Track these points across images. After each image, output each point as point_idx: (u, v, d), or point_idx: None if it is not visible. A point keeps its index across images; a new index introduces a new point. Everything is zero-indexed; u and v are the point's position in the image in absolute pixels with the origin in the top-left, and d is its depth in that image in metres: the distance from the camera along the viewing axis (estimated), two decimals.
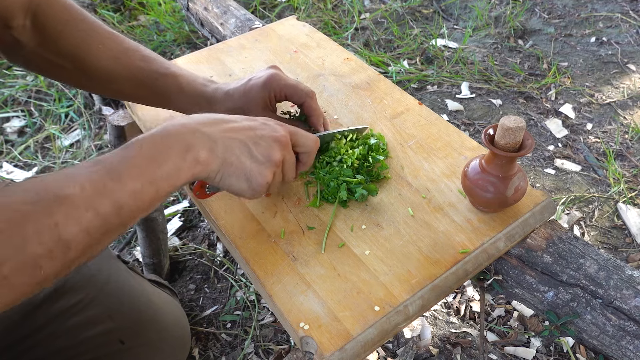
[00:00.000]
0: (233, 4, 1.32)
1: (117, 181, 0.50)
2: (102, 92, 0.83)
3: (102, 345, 0.80)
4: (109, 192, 0.50)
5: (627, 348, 0.62)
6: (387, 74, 1.94)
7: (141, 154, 0.54)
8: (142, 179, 0.52)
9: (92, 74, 0.75)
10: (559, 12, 2.29)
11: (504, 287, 0.73)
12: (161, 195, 0.55)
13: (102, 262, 0.86)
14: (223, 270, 1.38)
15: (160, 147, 0.55)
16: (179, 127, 0.58)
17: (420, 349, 1.16)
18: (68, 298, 0.79)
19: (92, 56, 0.74)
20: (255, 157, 0.61)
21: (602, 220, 1.45)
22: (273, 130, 0.63)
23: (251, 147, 0.61)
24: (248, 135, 0.62)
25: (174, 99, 0.78)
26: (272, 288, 0.65)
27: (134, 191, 0.51)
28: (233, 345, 1.22)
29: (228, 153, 0.60)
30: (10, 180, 1.68)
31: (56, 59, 0.74)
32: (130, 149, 0.54)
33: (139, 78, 0.76)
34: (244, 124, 0.63)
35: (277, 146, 0.63)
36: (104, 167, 0.51)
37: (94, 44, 0.73)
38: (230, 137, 0.60)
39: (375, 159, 0.78)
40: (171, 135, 0.57)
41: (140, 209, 0.53)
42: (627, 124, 1.73)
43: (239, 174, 0.61)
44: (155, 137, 0.56)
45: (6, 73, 2.09)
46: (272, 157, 0.62)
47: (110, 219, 0.50)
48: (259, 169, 0.61)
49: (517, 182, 0.67)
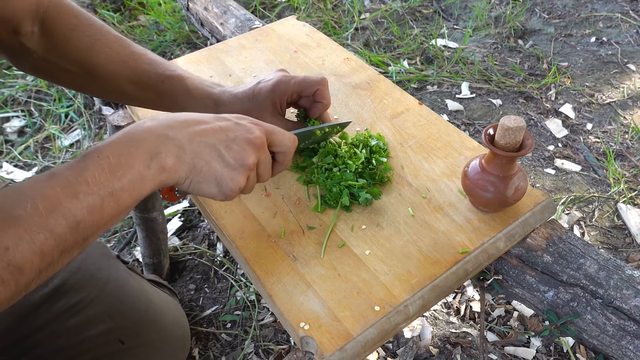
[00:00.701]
0: (233, 4, 1.32)
1: (73, 197, 0.47)
2: (110, 97, 0.83)
3: (102, 345, 0.80)
4: (64, 209, 0.46)
5: (627, 348, 0.62)
6: (387, 74, 1.94)
7: (99, 165, 0.50)
8: (101, 192, 0.49)
9: (100, 78, 0.75)
10: (559, 12, 2.29)
11: (504, 287, 0.73)
12: (123, 207, 0.51)
13: (102, 262, 0.86)
14: (223, 270, 1.38)
15: (121, 155, 0.52)
16: (144, 132, 0.55)
17: (420, 349, 1.16)
18: (68, 298, 0.79)
19: (99, 60, 0.73)
20: (226, 162, 0.58)
21: (602, 220, 1.45)
22: (247, 132, 0.60)
23: (222, 151, 0.58)
24: (219, 138, 0.58)
25: (180, 101, 0.77)
26: (272, 288, 0.65)
27: (92, 206, 0.48)
28: (233, 345, 1.22)
29: (197, 159, 0.57)
30: (11, 180, 1.68)
31: (64, 64, 0.74)
32: (87, 160, 0.50)
33: (145, 81, 0.76)
34: (216, 125, 0.60)
35: (251, 149, 0.60)
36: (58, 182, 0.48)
37: (101, 48, 0.73)
38: (200, 142, 0.57)
39: (378, 161, 0.78)
40: (134, 141, 0.53)
41: (100, 223, 0.50)
42: (627, 124, 1.74)
43: (209, 180, 0.58)
44: (116, 144, 0.53)
45: (6, 73, 2.09)
46: (245, 161, 0.59)
47: (66, 238, 0.47)
48: (230, 174, 0.59)
49: (517, 182, 0.67)
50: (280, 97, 0.75)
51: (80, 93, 1.93)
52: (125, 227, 1.53)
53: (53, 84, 1.99)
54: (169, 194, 0.65)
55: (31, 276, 0.45)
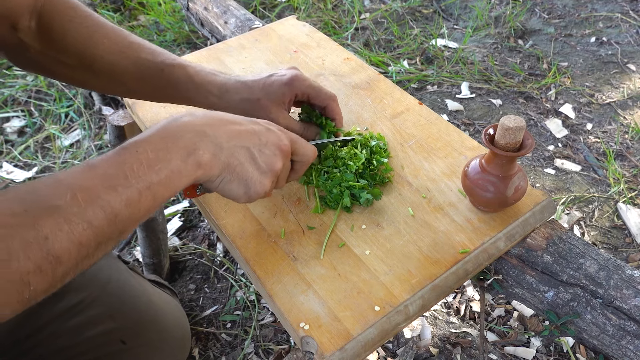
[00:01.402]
0: (233, 4, 1.32)
1: (112, 189, 0.48)
2: (109, 90, 0.82)
3: (104, 345, 0.80)
4: (103, 201, 0.47)
5: (627, 348, 0.62)
6: (387, 74, 1.94)
7: (138, 159, 0.50)
8: (139, 185, 0.49)
9: (99, 70, 0.74)
10: (559, 12, 2.29)
11: (504, 286, 0.73)
12: (159, 200, 0.52)
13: (103, 262, 0.86)
14: (223, 270, 1.38)
15: (159, 149, 0.52)
16: (181, 127, 0.55)
17: (420, 349, 1.16)
18: (70, 298, 0.79)
19: (98, 51, 0.73)
20: (258, 165, 0.59)
21: (602, 220, 1.45)
22: (277, 138, 0.62)
23: (255, 153, 0.59)
24: (253, 141, 0.60)
25: (182, 89, 0.76)
26: (272, 288, 0.65)
27: (129, 199, 0.49)
28: (233, 345, 1.22)
29: (232, 158, 0.57)
30: (11, 180, 1.68)
31: (63, 58, 0.73)
32: (127, 152, 0.51)
33: (144, 71, 0.75)
34: (250, 127, 0.60)
35: (280, 155, 0.61)
36: (97, 174, 0.48)
37: (99, 39, 0.73)
38: (236, 142, 0.58)
39: (379, 161, 0.78)
40: (171, 136, 0.54)
41: (137, 217, 0.50)
42: (627, 124, 1.74)
43: (240, 180, 0.59)
44: (153, 138, 0.53)
45: (6, 73, 2.09)
46: (274, 166, 0.61)
47: (104, 230, 0.47)
48: (260, 177, 0.60)
49: (517, 181, 0.67)
50: (292, 94, 0.75)
51: (80, 89, 1.93)
52: None
53: (53, 80, 2.00)
54: (190, 191, 0.66)
55: (68, 267, 0.45)
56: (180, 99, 0.79)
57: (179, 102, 0.79)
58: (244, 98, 0.75)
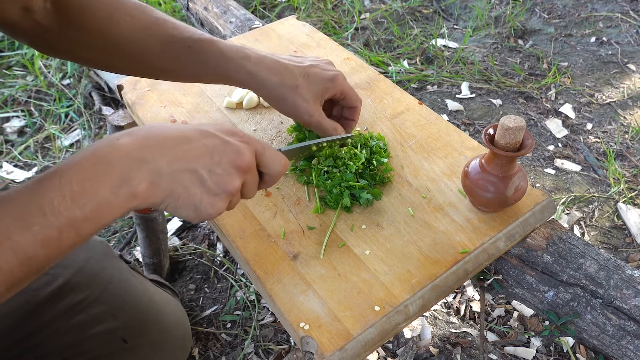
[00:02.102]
0: (233, 4, 1.32)
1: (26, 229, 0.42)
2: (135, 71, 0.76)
3: (106, 344, 0.80)
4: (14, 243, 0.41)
5: (627, 348, 0.62)
6: (387, 73, 1.94)
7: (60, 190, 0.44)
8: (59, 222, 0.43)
9: (124, 50, 0.70)
10: (559, 12, 2.29)
11: (504, 286, 0.73)
12: (84, 236, 0.46)
13: (105, 262, 0.86)
14: (223, 270, 1.38)
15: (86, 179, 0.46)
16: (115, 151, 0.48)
17: (420, 349, 1.16)
18: (72, 296, 0.79)
19: (119, 29, 0.69)
20: (207, 187, 0.53)
21: (602, 220, 1.45)
22: (235, 153, 0.55)
23: (205, 176, 0.53)
24: (203, 162, 0.53)
25: (212, 65, 0.72)
26: (272, 288, 0.65)
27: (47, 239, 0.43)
28: (233, 345, 1.22)
29: (175, 184, 0.51)
30: (11, 180, 1.68)
31: (83, 38, 0.70)
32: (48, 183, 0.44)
33: (172, 47, 0.71)
34: (200, 144, 0.54)
35: (236, 173, 0.55)
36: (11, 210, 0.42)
37: (121, 16, 0.69)
38: (180, 166, 0.52)
39: (379, 161, 0.78)
40: (103, 164, 0.47)
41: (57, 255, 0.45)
42: (627, 124, 1.74)
43: (187, 205, 0.53)
44: (81, 166, 0.46)
45: (6, 73, 2.09)
46: (228, 186, 0.54)
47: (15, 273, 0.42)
48: (211, 200, 0.54)
49: (517, 181, 0.67)
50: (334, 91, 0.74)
51: (80, 89, 1.93)
52: (125, 227, 1.53)
53: (53, 80, 1.99)
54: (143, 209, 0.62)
55: None
56: (210, 76, 0.74)
57: (209, 80, 0.75)
58: (283, 82, 0.71)
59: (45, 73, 2.06)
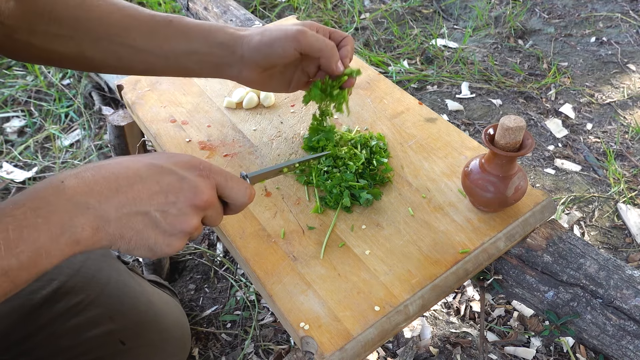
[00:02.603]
0: (233, 4, 1.32)
1: None
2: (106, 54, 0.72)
3: (103, 346, 0.80)
4: None
5: (627, 348, 0.62)
6: (387, 73, 1.94)
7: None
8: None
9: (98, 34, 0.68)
10: (559, 12, 2.29)
11: (504, 286, 0.73)
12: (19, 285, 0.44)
13: (103, 263, 0.86)
14: (223, 270, 1.38)
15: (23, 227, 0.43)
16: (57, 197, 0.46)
17: (420, 349, 1.16)
18: (69, 299, 0.78)
19: (92, 14, 0.68)
20: (162, 228, 0.51)
21: (602, 220, 1.45)
22: (191, 190, 0.52)
23: (158, 217, 0.51)
24: (157, 203, 0.51)
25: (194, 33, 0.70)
26: (272, 288, 0.65)
27: None
28: (233, 345, 1.22)
29: (124, 229, 0.49)
30: (11, 180, 1.68)
31: (54, 29, 0.67)
32: None
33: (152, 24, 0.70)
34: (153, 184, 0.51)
35: (193, 212, 0.53)
36: None
37: (93, 2, 0.68)
38: (130, 212, 0.49)
39: (379, 161, 0.78)
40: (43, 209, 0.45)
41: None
42: (627, 124, 1.74)
43: (140, 247, 0.51)
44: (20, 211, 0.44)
45: (6, 73, 2.09)
46: (184, 226, 0.52)
47: None
48: (166, 240, 0.52)
49: (517, 181, 0.67)
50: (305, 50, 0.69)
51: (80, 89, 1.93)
52: None
53: (53, 80, 1.99)
54: None
55: None
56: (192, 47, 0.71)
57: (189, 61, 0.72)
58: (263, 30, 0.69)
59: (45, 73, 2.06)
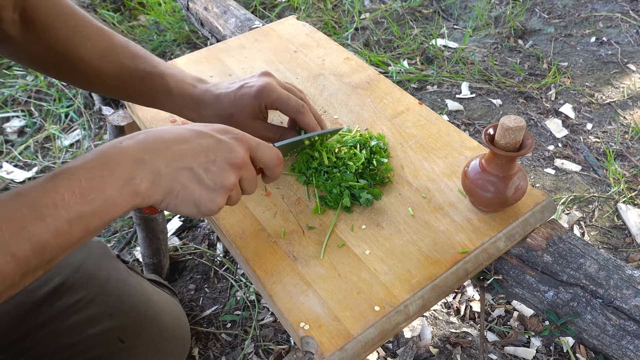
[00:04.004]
0: (233, 4, 1.32)
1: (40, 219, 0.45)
2: (91, 88, 0.81)
3: (103, 344, 0.80)
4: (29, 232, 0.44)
5: (627, 348, 0.62)
6: (387, 73, 1.94)
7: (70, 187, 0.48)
8: (69, 215, 0.47)
9: (81, 70, 0.74)
10: (559, 12, 2.29)
11: (504, 286, 0.73)
12: (92, 230, 0.50)
13: (103, 262, 0.86)
14: (223, 270, 1.38)
15: (93, 178, 0.50)
16: (119, 155, 0.53)
17: (420, 349, 1.16)
18: (69, 296, 0.79)
19: (79, 53, 0.72)
20: (205, 184, 0.57)
21: (602, 220, 1.45)
22: (228, 151, 0.58)
23: (201, 174, 0.57)
24: (199, 160, 0.57)
25: (160, 99, 0.76)
26: (272, 288, 0.65)
27: (58, 229, 0.46)
28: (233, 345, 1.22)
29: (174, 183, 0.55)
30: (11, 180, 1.68)
31: (45, 54, 0.72)
32: (58, 180, 0.48)
33: (125, 77, 0.74)
34: (196, 144, 0.58)
35: (231, 170, 0.58)
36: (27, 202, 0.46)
37: (81, 40, 0.72)
38: (177, 167, 0.56)
39: (379, 162, 0.78)
40: (108, 164, 0.52)
41: (68, 246, 0.48)
42: (627, 124, 1.74)
43: (187, 202, 0.57)
44: (89, 165, 0.51)
45: (6, 73, 2.09)
46: (224, 182, 0.58)
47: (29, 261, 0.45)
48: (209, 196, 0.57)
49: (517, 181, 0.67)
50: (263, 106, 0.74)
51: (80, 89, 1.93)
52: (125, 227, 1.53)
53: (53, 80, 1.99)
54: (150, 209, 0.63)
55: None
56: (160, 107, 0.78)
57: (159, 109, 0.79)
58: (217, 114, 0.74)
59: None
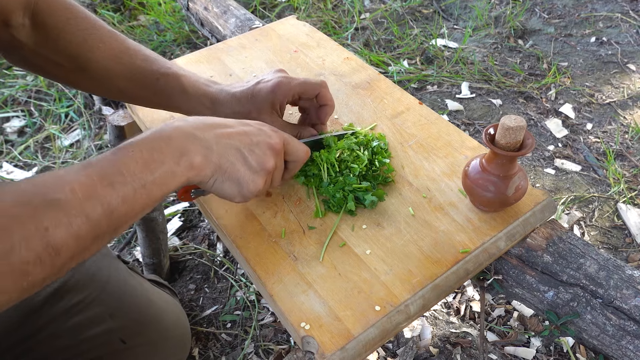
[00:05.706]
0: (233, 4, 1.32)
1: (109, 186, 0.49)
2: (103, 93, 0.83)
3: (104, 345, 0.80)
4: (100, 197, 0.48)
5: (627, 348, 0.62)
6: (387, 73, 1.94)
7: (133, 158, 0.52)
8: (134, 183, 0.51)
9: (93, 74, 0.74)
10: (559, 12, 2.29)
11: (504, 286, 0.73)
12: (153, 200, 0.54)
13: (103, 262, 0.86)
14: (223, 270, 1.38)
15: (153, 150, 0.54)
16: (174, 131, 0.57)
17: (420, 349, 1.16)
18: (69, 298, 0.79)
19: (92, 55, 0.73)
20: (249, 164, 0.61)
21: (602, 220, 1.45)
22: (268, 137, 0.63)
23: (246, 153, 0.61)
24: (243, 141, 0.61)
25: (176, 99, 0.77)
26: (273, 288, 0.65)
27: (125, 196, 0.50)
28: (233, 345, 1.22)
29: (223, 159, 0.59)
30: (10, 180, 1.68)
31: (56, 58, 0.73)
32: (122, 152, 0.53)
33: (140, 78, 0.75)
34: (240, 129, 0.62)
35: (271, 154, 0.63)
36: (96, 171, 0.50)
37: (94, 43, 0.72)
38: (226, 144, 0.60)
39: (381, 162, 0.78)
40: (165, 138, 0.56)
41: (132, 214, 0.52)
42: (627, 124, 1.74)
43: (232, 180, 0.61)
44: (148, 140, 0.55)
45: (6, 73, 2.09)
46: (266, 165, 0.62)
47: (101, 224, 0.49)
48: (252, 177, 0.61)
49: (518, 181, 0.67)
50: (281, 99, 0.75)
51: (75, 89, 1.93)
52: None
53: (52, 82, 1.99)
54: (184, 195, 0.67)
55: (66, 258, 0.46)
56: (174, 108, 0.79)
57: (173, 110, 0.80)
58: (235, 111, 0.75)
59: None
